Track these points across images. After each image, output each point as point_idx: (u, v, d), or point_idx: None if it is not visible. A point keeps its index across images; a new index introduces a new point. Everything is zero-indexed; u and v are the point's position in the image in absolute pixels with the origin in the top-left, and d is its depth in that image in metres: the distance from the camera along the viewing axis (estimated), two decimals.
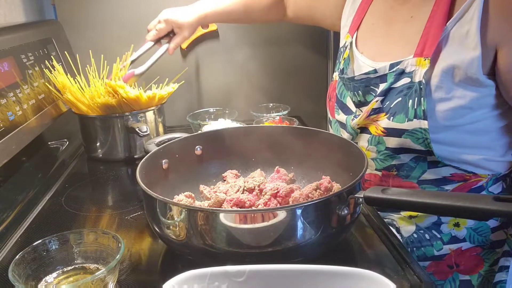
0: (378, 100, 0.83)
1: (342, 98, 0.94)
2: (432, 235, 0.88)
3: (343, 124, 0.92)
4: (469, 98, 0.76)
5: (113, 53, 1.15)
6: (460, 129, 0.79)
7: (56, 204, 0.92)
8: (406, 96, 0.79)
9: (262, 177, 0.82)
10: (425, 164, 0.83)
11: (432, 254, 0.88)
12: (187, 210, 0.61)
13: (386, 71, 0.83)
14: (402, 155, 0.83)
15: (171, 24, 1.13)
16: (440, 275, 0.89)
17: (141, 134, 1.06)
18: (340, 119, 0.93)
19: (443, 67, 0.76)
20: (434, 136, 0.78)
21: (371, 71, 0.85)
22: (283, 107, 1.40)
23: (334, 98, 0.97)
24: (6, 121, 0.89)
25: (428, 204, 0.58)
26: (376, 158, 0.87)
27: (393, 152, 0.84)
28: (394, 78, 0.81)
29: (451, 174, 0.83)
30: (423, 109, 0.77)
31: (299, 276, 0.53)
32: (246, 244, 0.60)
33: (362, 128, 0.87)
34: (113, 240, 0.64)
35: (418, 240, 0.88)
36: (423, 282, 0.62)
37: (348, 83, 0.90)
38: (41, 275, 0.63)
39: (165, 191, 0.76)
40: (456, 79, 0.76)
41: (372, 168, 0.89)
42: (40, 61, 1.12)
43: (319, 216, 0.62)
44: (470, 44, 0.74)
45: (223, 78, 1.47)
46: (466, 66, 0.74)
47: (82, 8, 1.34)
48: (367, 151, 0.88)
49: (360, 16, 0.95)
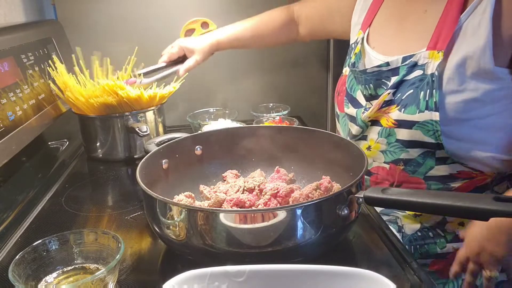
0: (390, 92, 0.83)
1: (352, 92, 0.94)
2: (436, 233, 0.88)
3: (353, 117, 0.92)
4: (481, 91, 0.77)
5: (113, 53, 1.15)
6: (471, 123, 0.79)
7: (56, 204, 0.92)
8: (418, 88, 0.80)
9: (262, 177, 0.82)
10: (433, 161, 0.83)
11: (435, 252, 0.88)
12: (187, 210, 0.61)
13: (399, 64, 0.84)
14: (411, 149, 0.83)
15: (182, 49, 1.15)
16: (443, 274, 0.89)
17: (141, 134, 1.06)
18: (350, 112, 0.93)
19: (456, 60, 0.77)
20: (444, 128, 0.79)
21: (383, 64, 0.86)
22: (283, 107, 1.40)
23: (343, 92, 0.97)
24: (6, 121, 0.89)
25: (428, 204, 0.58)
26: (386, 150, 0.87)
27: (403, 145, 0.84)
28: (406, 71, 0.82)
29: (458, 171, 0.83)
30: (435, 101, 0.78)
31: (299, 276, 0.53)
32: (246, 244, 0.60)
33: (373, 120, 0.88)
34: (113, 240, 0.64)
35: (421, 238, 0.88)
36: (423, 282, 0.63)
37: (360, 76, 0.91)
38: (41, 275, 0.63)
39: (165, 191, 0.76)
40: (469, 71, 0.77)
41: (381, 161, 0.89)
42: (40, 61, 1.12)
43: (319, 216, 0.62)
44: (482, 34, 0.75)
45: (223, 78, 1.47)
46: (478, 56, 0.75)
47: (82, 8, 1.34)
48: (377, 143, 0.88)
49: (373, 12, 0.96)
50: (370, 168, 0.91)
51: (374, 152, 0.89)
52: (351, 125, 0.93)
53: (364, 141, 0.90)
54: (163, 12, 1.37)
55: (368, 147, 0.90)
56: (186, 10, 1.38)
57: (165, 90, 1.16)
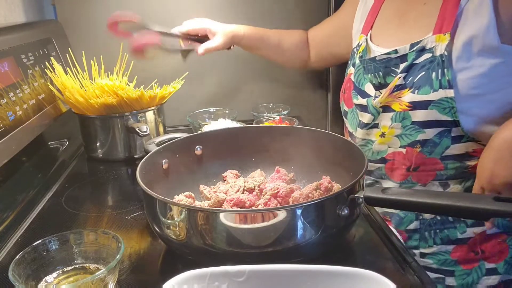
0: (401, 76, 0.85)
1: (360, 85, 0.95)
2: (455, 218, 0.88)
3: (363, 106, 0.93)
4: (487, 66, 0.78)
5: (113, 53, 1.15)
6: (484, 99, 0.80)
7: (56, 204, 0.92)
8: (429, 70, 0.82)
9: (262, 177, 0.82)
10: (449, 139, 0.84)
11: (455, 236, 0.89)
12: (187, 210, 0.61)
13: (407, 51, 0.85)
14: (428, 130, 0.84)
15: (205, 29, 1.11)
16: (466, 264, 0.89)
17: (141, 134, 1.06)
18: (360, 102, 0.94)
19: (462, 39, 0.79)
20: (460, 105, 0.80)
21: (392, 52, 0.87)
22: (283, 107, 1.40)
23: (350, 88, 0.98)
24: (6, 121, 0.89)
25: (429, 204, 0.58)
26: (401, 134, 0.87)
27: (419, 126, 0.85)
28: (415, 55, 0.84)
29: (474, 149, 0.84)
30: (448, 79, 0.80)
31: (299, 276, 0.53)
32: (246, 244, 0.60)
33: (384, 107, 0.88)
34: (113, 240, 0.64)
35: (441, 222, 0.89)
36: (423, 282, 0.63)
37: (370, 64, 0.92)
38: (41, 275, 0.62)
39: (165, 191, 0.76)
40: (475, 49, 0.79)
41: (396, 146, 0.89)
42: (40, 61, 1.12)
43: (319, 216, 0.62)
44: (484, 13, 0.77)
45: (223, 78, 1.47)
46: (483, 35, 0.77)
47: (82, 8, 1.34)
48: (391, 128, 0.88)
49: (373, 16, 0.98)
50: (385, 155, 0.91)
51: (389, 138, 0.89)
52: (362, 114, 0.94)
53: (376, 129, 0.91)
54: (163, 12, 1.37)
55: (381, 134, 0.90)
56: (186, 10, 1.37)
57: (165, 90, 1.16)
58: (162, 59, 1.38)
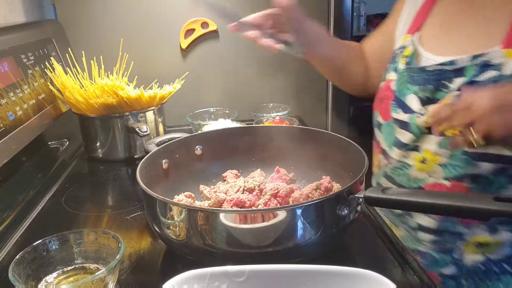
0: (455, 94, 0.72)
1: (402, 97, 0.82)
2: (503, 269, 0.76)
3: (404, 123, 0.80)
4: None
5: (113, 53, 1.15)
6: None
7: (56, 204, 0.92)
8: None
9: (262, 177, 0.82)
10: (506, 178, 0.71)
11: None
12: (187, 210, 0.61)
13: (467, 63, 0.72)
14: (482, 163, 0.71)
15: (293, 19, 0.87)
16: None
17: (141, 134, 1.06)
18: (401, 117, 0.81)
19: None
20: None
21: (447, 62, 0.75)
22: (283, 107, 1.40)
23: (389, 98, 0.85)
24: (6, 121, 0.89)
25: (429, 204, 0.58)
26: (448, 164, 0.74)
27: (472, 158, 0.71)
28: (476, 70, 0.71)
29: None
30: None
31: (299, 276, 0.53)
32: (246, 244, 0.60)
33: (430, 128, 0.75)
34: (113, 240, 0.64)
35: (484, 272, 0.77)
36: (423, 282, 0.63)
37: (418, 74, 0.79)
38: (41, 275, 0.62)
39: (165, 191, 0.76)
40: None
41: (439, 177, 0.76)
42: (40, 61, 1.12)
43: (319, 216, 0.62)
44: None
45: (223, 78, 1.47)
46: None
47: (82, 8, 1.34)
48: (435, 155, 0.76)
49: (423, 17, 0.86)
50: (423, 185, 0.79)
51: (431, 166, 0.77)
52: (401, 132, 0.81)
53: (415, 152, 0.79)
54: (163, 11, 1.37)
55: (422, 159, 0.78)
56: (186, 10, 1.38)
57: (165, 90, 1.16)
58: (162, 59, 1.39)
